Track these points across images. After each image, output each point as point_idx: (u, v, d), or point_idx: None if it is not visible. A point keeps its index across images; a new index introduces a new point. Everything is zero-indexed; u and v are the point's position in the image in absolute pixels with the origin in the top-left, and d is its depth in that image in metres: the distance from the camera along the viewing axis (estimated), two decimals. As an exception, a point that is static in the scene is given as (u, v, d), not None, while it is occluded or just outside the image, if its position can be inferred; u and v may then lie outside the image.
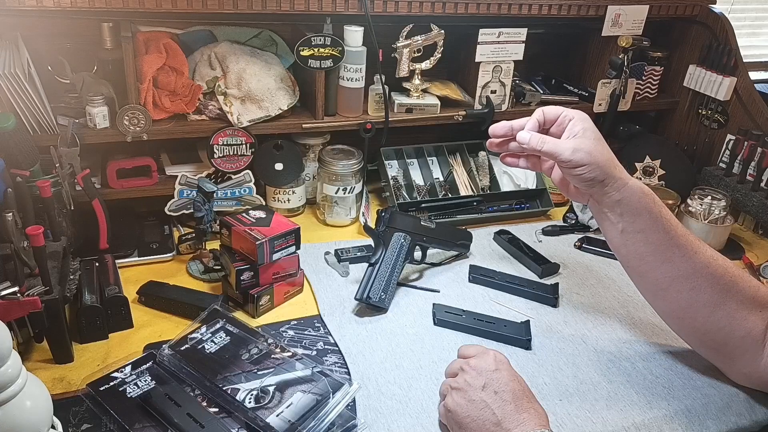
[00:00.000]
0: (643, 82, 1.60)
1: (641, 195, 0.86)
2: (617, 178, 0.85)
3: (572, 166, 0.84)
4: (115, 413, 0.79)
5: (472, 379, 0.78)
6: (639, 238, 0.87)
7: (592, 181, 0.85)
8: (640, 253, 0.88)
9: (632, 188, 0.85)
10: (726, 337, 0.87)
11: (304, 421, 0.77)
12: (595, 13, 1.41)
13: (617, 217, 0.87)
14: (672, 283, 0.87)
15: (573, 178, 0.87)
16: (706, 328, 0.88)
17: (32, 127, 1.10)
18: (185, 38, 1.26)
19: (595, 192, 0.87)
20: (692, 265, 0.86)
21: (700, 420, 0.87)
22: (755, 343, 0.86)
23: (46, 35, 1.18)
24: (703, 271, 0.85)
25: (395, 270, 1.09)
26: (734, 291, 0.85)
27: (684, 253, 0.86)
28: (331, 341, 0.98)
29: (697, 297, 0.86)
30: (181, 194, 1.23)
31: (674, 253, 0.86)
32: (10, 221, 0.88)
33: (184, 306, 1.02)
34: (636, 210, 0.86)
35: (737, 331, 0.86)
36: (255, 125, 1.25)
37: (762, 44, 2.24)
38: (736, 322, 0.86)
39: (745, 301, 0.86)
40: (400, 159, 1.43)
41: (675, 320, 0.93)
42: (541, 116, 0.88)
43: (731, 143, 1.48)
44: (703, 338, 0.91)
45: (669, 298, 0.89)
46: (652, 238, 0.86)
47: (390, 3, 1.23)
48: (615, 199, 0.86)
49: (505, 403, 0.76)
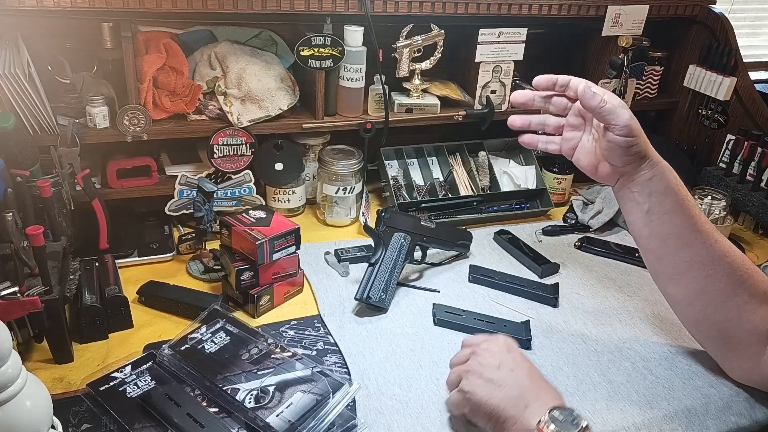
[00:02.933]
0: (643, 82, 1.60)
1: (671, 176, 0.86)
2: (652, 155, 0.85)
3: (626, 134, 0.81)
4: (115, 413, 0.79)
5: (486, 360, 0.79)
6: (664, 219, 0.86)
7: (635, 155, 0.83)
8: (663, 235, 0.87)
9: (663, 168, 0.85)
10: (733, 329, 0.87)
11: (304, 421, 0.77)
12: (595, 13, 1.41)
13: (645, 197, 0.86)
14: (690, 269, 0.86)
15: (618, 151, 0.83)
16: (715, 317, 0.88)
17: (32, 127, 1.10)
18: (185, 38, 1.26)
19: (629, 170, 0.85)
20: (712, 252, 0.85)
21: (700, 420, 0.87)
22: (760, 338, 0.86)
23: (46, 35, 1.18)
24: (721, 260, 0.85)
25: (395, 270, 1.09)
26: (748, 284, 0.85)
27: (705, 240, 0.85)
28: (331, 341, 0.98)
29: (712, 285, 0.86)
30: (181, 194, 1.23)
31: (696, 238, 0.85)
32: (10, 221, 0.88)
33: (184, 306, 1.02)
34: (665, 190, 0.85)
35: (745, 324, 0.86)
36: (255, 125, 1.25)
37: (762, 44, 2.24)
38: (746, 314, 0.85)
39: (758, 295, 0.85)
40: (400, 159, 1.43)
41: (685, 307, 0.91)
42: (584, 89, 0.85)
43: (731, 143, 1.48)
44: (709, 328, 0.90)
45: (684, 284, 0.88)
46: (677, 220, 0.85)
47: (390, 3, 1.23)
48: (647, 178, 0.85)
49: (522, 379, 0.76)
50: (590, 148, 0.88)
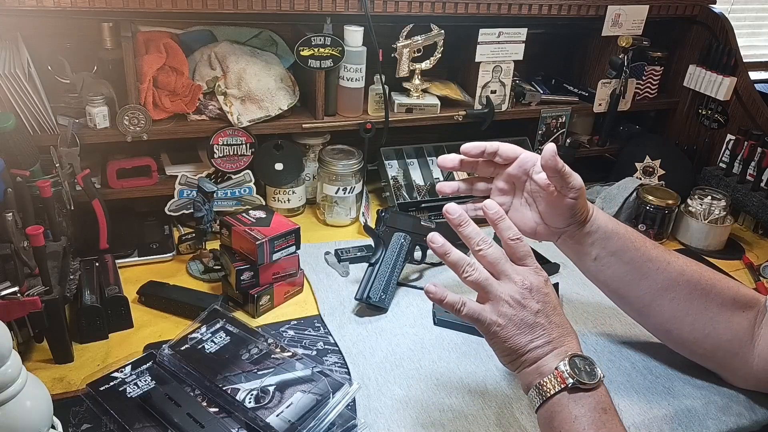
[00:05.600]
0: (643, 82, 1.60)
1: (606, 219, 0.86)
2: (588, 206, 0.85)
3: (578, 196, 0.81)
4: (115, 413, 0.79)
5: (526, 300, 0.72)
6: (613, 260, 0.86)
7: (581, 212, 0.83)
8: (618, 275, 0.87)
9: (596, 214, 0.85)
10: (714, 342, 0.87)
11: (304, 421, 0.77)
12: (595, 13, 1.41)
13: (589, 247, 0.86)
14: (653, 298, 0.87)
15: (566, 213, 0.83)
16: (693, 336, 0.88)
17: (32, 127, 1.10)
18: (185, 38, 1.26)
19: (570, 229, 0.85)
20: (668, 275, 0.85)
21: (700, 420, 0.87)
22: (744, 344, 0.86)
23: (46, 35, 1.18)
24: (679, 280, 0.85)
25: (395, 270, 1.09)
26: (713, 294, 0.85)
27: (658, 266, 0.85)
28: (331, 341, 0.98)
29: (678, 307, 0.86)
30: (181, 194, 1.23)
31: (649, 268, 0.86)
32: (10, 221, 0.88)
33: (184, 306, 1.02)
34: (605, 234, 0.85)
35: (723, 335, 0.86)
36: (255, 125, 1.25)
37: (762, 44, 2.25)
38: (721, 325, 0.85)
39: (726, 302, 0.85)
40: (400, 159, 1.43)
41: (663, 333, 0.92)
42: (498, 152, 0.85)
43: (731, 143, 1.48)
44: (693, 347, 0.90)
45: (653, 313, 0.89)
46: (626, 257, 0.86)
47: (390, 3, 1.23)
48: (587, 231, 0.85)
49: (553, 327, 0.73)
50: (524, 213, 0.87)
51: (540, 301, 0.73)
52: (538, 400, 0.71)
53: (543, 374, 0.71)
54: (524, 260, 0.75)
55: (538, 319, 0.72)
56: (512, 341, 0.72)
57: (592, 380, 0.69)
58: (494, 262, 0.74)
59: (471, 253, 0.76)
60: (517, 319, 0.72)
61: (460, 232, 0.76)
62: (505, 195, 0.89)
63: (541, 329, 0.72)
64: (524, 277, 0.73)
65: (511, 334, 0.72)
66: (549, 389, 0.70)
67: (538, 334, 0.72)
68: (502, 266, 0.74)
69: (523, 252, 0.75)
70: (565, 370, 0.69)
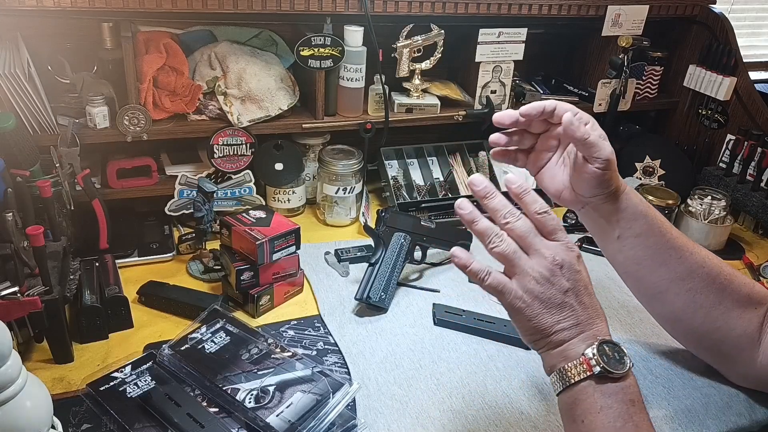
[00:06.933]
0: (643, 82, 1.60)
1: (636, 199, 0.85)
2: (621, 183, 0.84)
3: (605, 167, 0.79)
4: (115, 413, 0.79)
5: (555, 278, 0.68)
6: (636, 242, 0.85)
7: (606, 188, 0.82)
8: (637, 258, 0.86)
9: (629, 193, 0.84)
10: (723, 336, 0.87)
11: (304, 421, 0.77)
12: (595, 13, 1.41)
13: (613, 225, 0.85)
14: (670, 286, 0.86)
15: (591, 182, 0.81)
16: (704, 328, 0.88)
17: (32, 127, 1.10)
18: (185, 38, 1.26)
19: (595, 201, 0.84)
20: (688, 266, 0.85)
21: (700, 420, 0.87)
22: (751, 342, 0.86)
23: (46, 35, 1.18)
24: (699, 272, 0.85)
25: (395, 270, 1.09)
26: (729, 290, 0.85)
27: (680, 255, 0.85)
28: (331, 341, 0.98)
29: (694, 298, 0.86)
30: (181, 194, 1.23)
31: (671, 255, 0.85)
32: (10, 221, 0.88)
33: (184, 306, 1.02)
34: (633, 215, 0.84)
35: (734, 330, 0.86)
36: (255, 125, 1.25)
37: (762, 44, 2.24)
38: (732, 320, 0.86)
39: (741, 299, 0.85)
40: (400, 159, 1.43)
41: (672, 323, 0.92)
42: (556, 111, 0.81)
43: (731, 143, 1.48)
44: (700, 339, 0.90)
45: (666, 301, 0.88)
46: (649, 241, 0.85)
47: (390, 3, 1.23)
48: (613, 206, 0.84)
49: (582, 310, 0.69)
50: (556, 172, 0.86)
51: (570, 279, 0.68)
52: (560, 385, 0.68)
53: (568, 358, 0.67)
54: (554, 234, 0.69)
55: (567, 298, 0.67)
56: (537, 320, 0.68)
57: (621, 369, 0.65)
58: (523, 236, 0.69)
59: None
60: (544, 297, 0.67)
61: (486, 204, 0.71)
62: (548, 151, 0.87)
63: (570, 310, 0.68)
64: (555, 252, 0.68)
65: (536, 313, 0.67)
66: (573, 375, 0.66)
67: (566, 314, 0.68)
68: (532, 240, 0.68)
69: (552, 225, 0.69)
70: (592, 357, 0.65)
